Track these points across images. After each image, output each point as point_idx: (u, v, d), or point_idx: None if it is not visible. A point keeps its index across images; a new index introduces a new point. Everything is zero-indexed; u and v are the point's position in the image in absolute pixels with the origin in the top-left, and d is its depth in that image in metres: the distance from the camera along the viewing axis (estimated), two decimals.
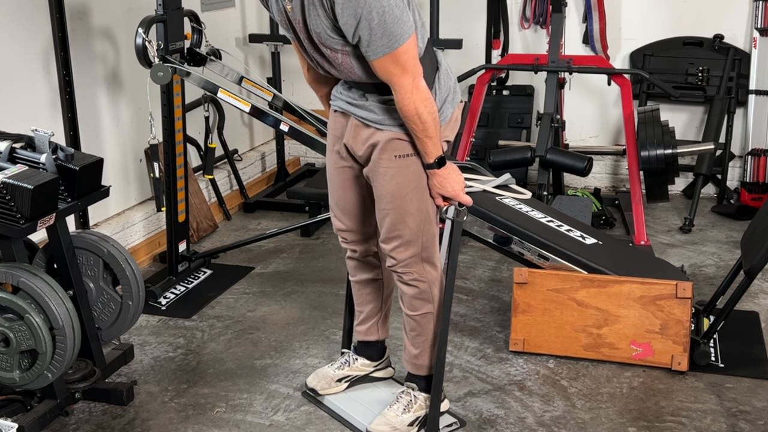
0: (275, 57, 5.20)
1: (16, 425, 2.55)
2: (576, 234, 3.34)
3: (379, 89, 2.39)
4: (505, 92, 5.26)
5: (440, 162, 2.41)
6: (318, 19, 2.23)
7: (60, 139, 3.41)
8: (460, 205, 2.51)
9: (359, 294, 2.85)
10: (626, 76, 4.35)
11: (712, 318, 3.30)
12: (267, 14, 5.18)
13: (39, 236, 2.84)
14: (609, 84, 4.38)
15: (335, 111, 2.57)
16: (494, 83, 5.12)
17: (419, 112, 2.29)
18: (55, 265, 2.79)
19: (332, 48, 2.29)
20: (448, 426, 2.71)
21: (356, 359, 2.90)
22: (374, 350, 2.89)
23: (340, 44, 2.27)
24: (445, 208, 2.53)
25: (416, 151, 2.43)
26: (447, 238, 2.57)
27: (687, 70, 4.96)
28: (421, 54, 2.35)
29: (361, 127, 2.46)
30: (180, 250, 3.89)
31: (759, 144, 4.84)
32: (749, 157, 4.85)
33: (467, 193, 2.56)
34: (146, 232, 4.19)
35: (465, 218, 2.53)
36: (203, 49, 3.70)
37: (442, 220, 2.58)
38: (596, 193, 4.97)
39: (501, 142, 4.96)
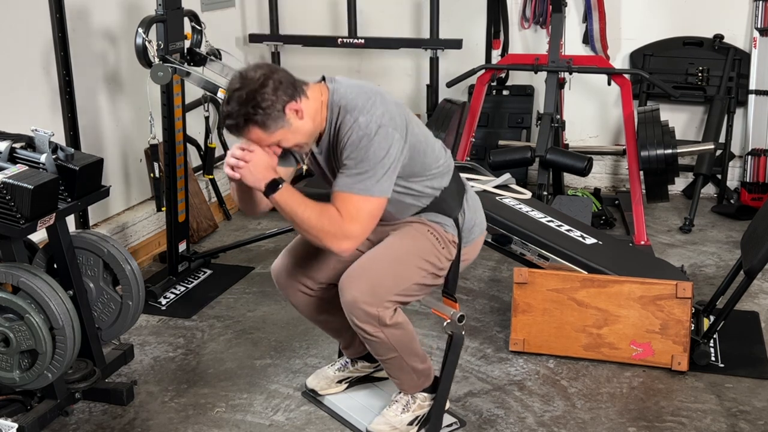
0: (275, 57, 5.20)
1: (16, 425, 2.55)
2: (576, 234, 3.34)
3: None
4: (505, 92, 5.26)
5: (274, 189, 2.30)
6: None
7: (60, 139, 3.41)
8: (460, 319, 2.50)
9: (330, 330, 2.83)
10: (626, 76, 4.35)
11: (712, 318, 3.29)
12: (267, 14, 5.19)
13: (39, 236, 2.84)
14: (609, 84, 4.38)
15: None
16: (494, 83, 5.12)
17: (317, 232, 2.27)
18: (55, 265, 2.79)
19: None
20: (448, 426, 2.71)
21: (356, 361, 2.89)
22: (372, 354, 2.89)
23: None
24: (445, 323, 2.54)
25: (444, 245, 2.49)
26: (445, 351, 2.58)
27: (687, 70, 4.96)
28: (446, 182, 2.49)
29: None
30: (180, 250, 3.89)
31: (759, 144, 4.84)
32: (749, 157, 4.84)
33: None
34: (146, 232, 4.19)
35: (464, 332, 2.54)
36: (203, 49, 3.70)
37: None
38: (596, 193, 4.97)
39: (501, 142, 4.96)
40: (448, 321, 2.52)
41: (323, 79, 2.37)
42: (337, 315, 2.54)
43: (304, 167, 2.49)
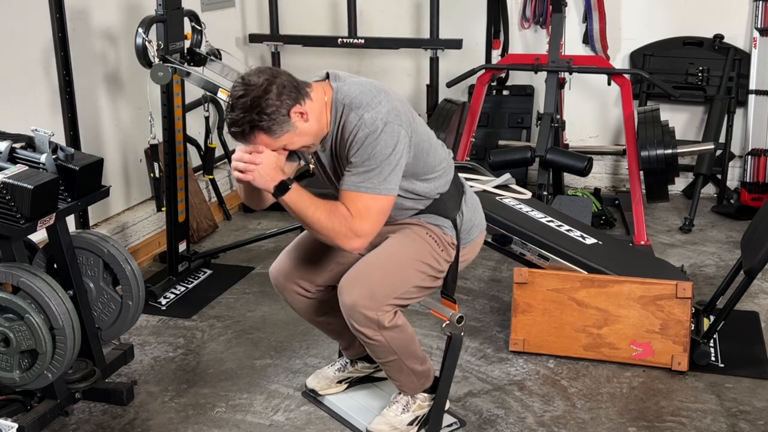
0: (275, 57, 5.20)
1: (16, 425, 2.55)
2: (576, 234, 3.34)
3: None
4: (505, 92, 5.26)
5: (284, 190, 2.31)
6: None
7: (60, 139, 3.41)
8: (459, 320, 2.50)
9: (329, 331, 2.82)
10: (626, 76, 4.35)
11: (712, 318, 3.29)
12: (267, 14, 5.19)
13: (39, 236, 2.84)
14: (609, 84, 4.38)
15: None
16: (494, 83, 5.12)
17: (326, 230, 2.28)
18: (55, 265, 2.79)
19: None
20: (448, 426, 2.71)
21: (356, 361, 2.89)
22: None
23: None
24: (444, 324, 2.53)
25: (443, 248, 2.48)
26: (444, 351, 2.57)
27: (687, 70, 4.96)
28: (447, 186, 2.48)
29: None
30: (180, 250, 3.89)
31: (759, 144, 4.84)
32: (749, 157, 4.84)
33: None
34: (146, 232, 4.19)
35: (462, 333, 2.54)
36: (203, 49, 3.70)
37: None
38: (596, 193, 4.97)
39: (501, 142, 4.96)
40: (447, 322, 2.52)
41: (327, 76, 2.36)
42: (336, 317, 2.54)
43: (311, 167, 2.48)
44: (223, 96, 3.47)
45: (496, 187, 3.50)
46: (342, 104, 2.29)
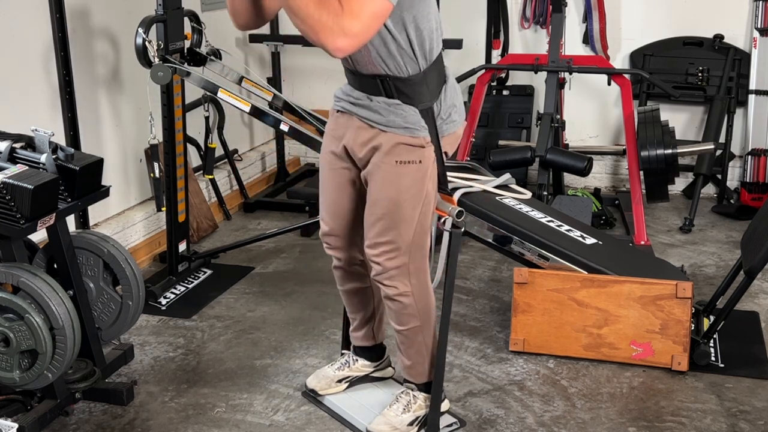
0: (275, 57, 5.20)
1: (16, 425, 2.55)
2: (576, 234, 3.34)
3: (386, 91, 2.38)
4: (505, 92, 5.26)
5: None
6: None
7: (60, 139, 3.41)
8: (459, 214, 2.48)
9: (350, 303, 2.84)
10: (626, 76, 4.35)
11: (712, 318, 3.29)
12: None
13: (39, 236, 2.84)
14: (609, 84, 4.37)
15: (337, 111, 2.56)
16: (494, 83, 5.12)
17: (313, 21, 2.07)
18: (55, 265, 2.79)
19: None
20: (448, 426, 2.71)
21: (356, 360, 2.89)
22: (373, 352, 2.89)
23: None
24: (442, 219, 2.52)
25: (420, 158, 2.41)
26: (445, 249, 2.53)
27: (687, 70, 4.96)
28: (431, 59, 2.37)
29: (364, 128, 2.44)
30: (180, 250, 3.89)
31: (759, 144, 4.84)
32: (749, 157, 4.84)
33: (467, 193, 2.55)
34: (146, 232, 4.19)
35: (463, 229, 2.52)
36: (203, 49, 3.70)
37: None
38: (596, 193, 4.97)
39: (501, 142, 4.96)
40: (446, 217, 2.50)
41: None
42: (366, 282, 2.64)
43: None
44: (223, 96, 3.47)
45: (496, 187, 3.50)
46: None
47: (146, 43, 3.37)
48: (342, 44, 2.08)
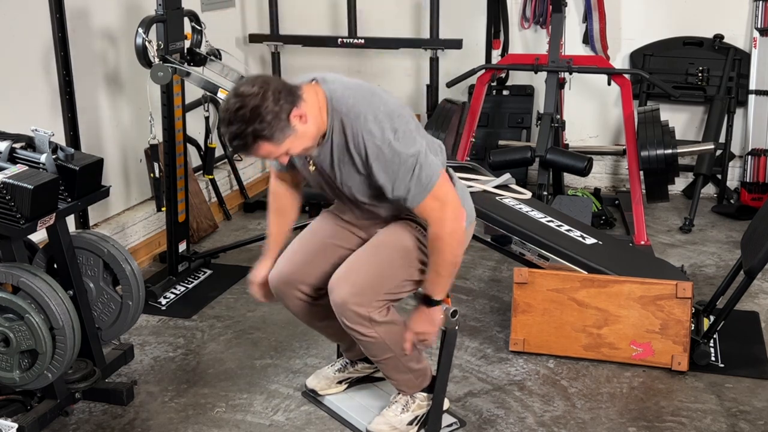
0: (275, 57, 5.20)
1: (16, 425, 2.55)
2: (576, 234, 3.34)
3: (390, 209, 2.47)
4: (505, 92, 5.26)
5: (437, 302, 2.42)
6: (351, 176, 2.32)
7: (60, 139, 3.41)
8: (453, 314, 2.48)
9: (329, 334, 2.82)
10: (626, 76, 4.35)
11: (712, 318, 3.29)
12: (267, 14, 5.18)
13: (39, 236, 2.84)
14: (609, 84, 4.38)
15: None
16: (494, 83, 5.12)
17: (452, 247, 2.33)
18: (55, 265, 2.79)
19: (360, 194, 2.38)
20: (448, 426, 2.71)
21: (356, 362, 2.89)
22: None
23: (368, 196, 2.37)
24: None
25: (422, 231, 2.45)
26: (439, 347, 2.56)
27: (687, 70, 4.96)
28: None
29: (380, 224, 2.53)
30: (180, 250, 3.89)
31: (759, 144, 4.84)
32: (749, 157, 4.84)
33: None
34: (146, 232, 4.19)
35: (457, 327, 2.53)
36: (203, 49, 3.70)
37: None
38: (596, 193, 4.97)
39: (501, 142, 4.96)
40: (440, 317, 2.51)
41: (314, 80, 2.31)
42: (336, 320, 2.52)
43: (311, 168, 2.44)
44: (223, 96, 3.47)
45: (496, 187, 3.50)
46: (339, 113, 2.25)
47: (146, 43, 3.37)
48: (460, 224, 2.33)
